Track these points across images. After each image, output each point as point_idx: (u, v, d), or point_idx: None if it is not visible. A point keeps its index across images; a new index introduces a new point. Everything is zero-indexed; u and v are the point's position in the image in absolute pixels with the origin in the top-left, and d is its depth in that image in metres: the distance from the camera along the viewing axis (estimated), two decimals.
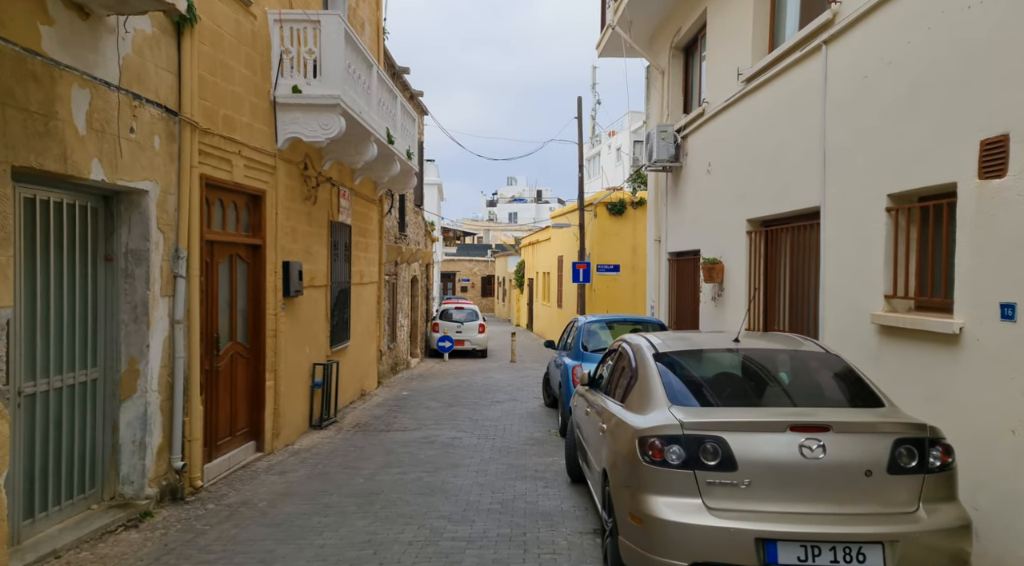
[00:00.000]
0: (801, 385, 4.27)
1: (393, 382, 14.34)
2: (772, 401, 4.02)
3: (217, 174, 6.72)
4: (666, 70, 11.31)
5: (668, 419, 3.64)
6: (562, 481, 6.76)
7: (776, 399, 4.06)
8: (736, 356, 4.36)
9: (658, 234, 11.69)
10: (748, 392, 4.16)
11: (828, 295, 5.91)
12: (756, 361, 4.38)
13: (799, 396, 4.09)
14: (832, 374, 4.19)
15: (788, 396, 4.08)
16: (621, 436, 4.02)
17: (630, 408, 4.15)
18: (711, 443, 3.48)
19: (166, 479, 5.87)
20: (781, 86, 6.94)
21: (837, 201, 5.80)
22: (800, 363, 4.36)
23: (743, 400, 4.11)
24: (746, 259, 7.88)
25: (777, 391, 4.15)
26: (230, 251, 7.23)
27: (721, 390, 4.15)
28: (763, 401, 4.04)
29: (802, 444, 3.42)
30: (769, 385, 4.24)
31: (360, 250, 11.91)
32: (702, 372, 4.37)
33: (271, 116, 7.85)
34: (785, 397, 4.09)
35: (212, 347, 6.82)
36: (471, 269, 50.72)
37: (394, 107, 11.27)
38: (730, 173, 8.41)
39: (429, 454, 7.97)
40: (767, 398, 4.05)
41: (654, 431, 3.62)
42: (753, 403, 4.02)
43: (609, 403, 4.69)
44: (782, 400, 4.05)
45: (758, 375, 4.32)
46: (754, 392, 4.11)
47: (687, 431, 3.53)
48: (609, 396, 4.88)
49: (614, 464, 4.05)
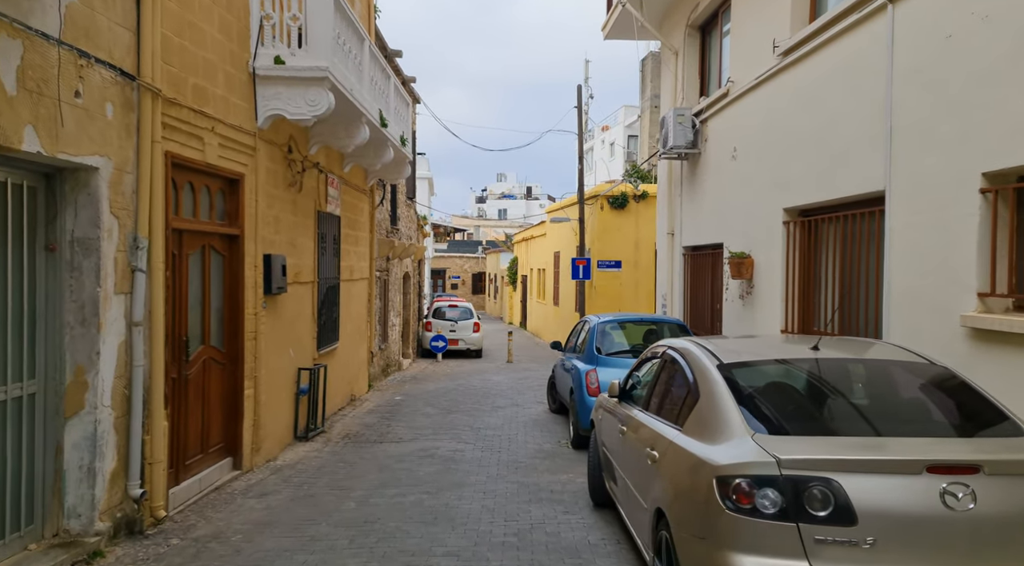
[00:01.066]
0: (914, 407, 3.40)
1: (385, 385, 13.46)
2: (886, 429, 3.14)
3: (186, 153, 5.82)
4: (680, 51, 10.48)
5: (756, 453, 2.81)
6: (584, 504, 5.93)
7: (890, 426, 3.17)
8: (820, 368, 3.51)
9: (671, 227, 10.87)
10: (850, 417, 3.28)
11: (896, 293, 5.10)
12: (847, 375, 3.55)
13: (919, 422, 3.24)
14: (947, 392, 3.37)
15: (905, 422, 3.21)
16: (686, 472, 3.19)
17: (693, 434, 3.32)
18: (819, 487, 2.65)
19: (121, 510, 4.97)
20: (830, 56, 6.13)
21: (909, 183, 4.99)
22: (903, 378, 3.51)
23: (848, 428, 3.21)
24: (782, 253, 7.07)
25: (887, 415, 3.29)
26: (202, 242, 6.33)
27: (813, 414, 3.30)
28: (874, 429, 3.16)
29: (944, 490, 2.60)
30: (872, 407, 3.37)
31: (350, 244, 11.02)
32: (782, 389, 3.52)
33: (250, 90, 6.94)
34: (901, 423, 3.20)
35: (180, 352, 5.93)
36: (461, 266, 49.81)
37: (387, 88, 10.37)
38: (761, 158, 7.60)
39: (429, 471, 7.11)
40: (879, 425, 3.18)
41: (739, 469, 2.79)
42: (862, 431, 3.14)
43: (657, 424, 3.86)
44: (899, 427, 3.17)
45: (855, 393, 3.47)
46: (858, 417, 3.25)
47: (786, 470, 2.70)
48: (654, 414, 4.05)
49: (677, 506, 3.22)
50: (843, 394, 3.46)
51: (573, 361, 8.88)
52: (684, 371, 3.83)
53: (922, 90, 4.88)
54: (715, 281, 9.29)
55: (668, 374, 4.19)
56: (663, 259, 11.41)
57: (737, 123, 8.34)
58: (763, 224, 7.51)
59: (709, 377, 3.49)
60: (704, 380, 3.52)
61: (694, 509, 3.01)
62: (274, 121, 7.32)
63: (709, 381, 3.46)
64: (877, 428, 3.12)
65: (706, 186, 9.40)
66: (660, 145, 10.24)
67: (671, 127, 9.63)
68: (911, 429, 3.13)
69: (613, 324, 8.76)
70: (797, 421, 3.22)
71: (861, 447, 2.87)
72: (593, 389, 7.84)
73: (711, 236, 9.19)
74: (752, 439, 2.95)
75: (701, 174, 9.61)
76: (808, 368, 3.50)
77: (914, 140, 4.95)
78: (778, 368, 3.59)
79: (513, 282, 34.23)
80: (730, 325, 8.38)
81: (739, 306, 8.11)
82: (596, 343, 8.32)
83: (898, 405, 3.41)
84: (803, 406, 3.34)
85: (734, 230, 8.31)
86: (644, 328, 8.97)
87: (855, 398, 3.41)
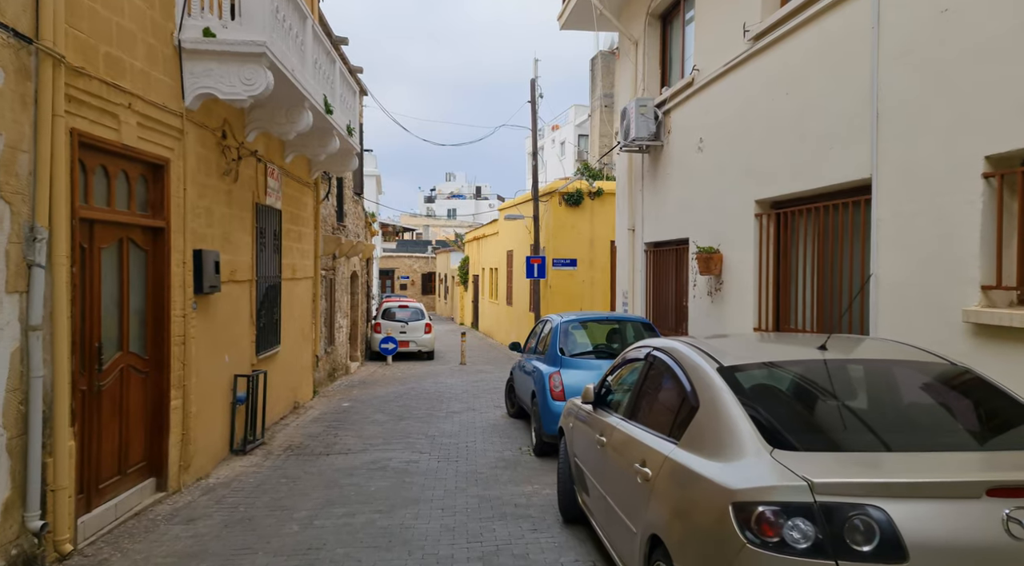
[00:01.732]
0: (949, 416, 2.98)
1: (331, 391, 12.71)
2: (925, 443, 2.68)
3: (97, 131, 5.08)
4: (641, 41, 10.12)
5: (781, 475, 2.36)
6: (553, 520, 5.43)
7: (929, 439, 2.72)
8: (834, 371, 3.08)
9: (632, 223, 10.51)
10: (879, 428, 2.79)
11: (884, 288, 4.78)
12: (866, 379, 3.14)
13: (958, 433, 2.81)
14: (978, 398, 2.97)
15: (944, 434, 2.78)
16: (691, 495, 2.72)
17: (695, 449, 2.85)
18: (862, 516, 2.21)
19: (18, 546, 4.23)
20: (807, 39, 5.80)
21: (898, 170, 4.67)
22: (927, 382, 3.10)
23: (878, 443, 2.68)
24: (754, 247, 6.74)
25: (922, 426, 2.84)
26: (120, 234, 5.59)
27: (835, 425, 2.84)
28: (911, 443, 2.68)
29: (1008, 516, 2.20)
30: (902, 416, 2.93)
31: (292, 240, 10.27)
32: (795, 396, 3.08)
33: (175, 65, 6.20)
34: (940, 436, 2.77)
35: (92, 360, 5.18)
36: (411, 266, 48.90)
37: (332, 73, 9.68)
38: (731, 149, 7.27)
39: (381, 485, 6.50)
40: (915, 438, 2.72)
41: (762, 495, 2.33)
42: (896, 446, 2.65)
43: (646, 436, 3.38)
44: (939, 441, 2.72)
45: (878, 400, 3.05)
46: (888, 428, 2.79)
47: (822, 496, 2.25)
48: (641, 424, 3.57)
49: (679, 535, 2.74)
50: (865, 401, 3.03)
51: (534, 363, 8.39)
52: (676, 375, 3.37)
53: (912, 70, 4.57)
54: (680, 278, 8.95)
55: (655, 379, 3.72)
56: (623, 256, 11.05)
57: (703, 113, 8.00)
58: (733, 217, 7.17)
59: (709, 382, 3.03)
60: (703, 386, 3.05)
61: (703, 540, 2.54)
62: (205, 102, 6.60)
63: (710, 387, 3.00)
64: (914, 442, 2.68)
65: (670, 180, 9.06)
66: (621, 137, 9.85)
67: (633, 118, 9.25)
68: (953, 442, 2.71)
69: (576, 323, 8.30)
70: (819, 434, 2.77)
71: (905, 467, 2.44)
72: (557, 393, 7.37)
73: (675, 231, 8.84)
74: (771, 456, 2.49)
75: (664, 167, 9.26)
76: (820, 371, 3.07)
77: (904, 124, 4.63)
78: (787, 371, 3.15)
79: (464, 282, 33.62)
80: (698, 323, 8.04)
81: (707, 303, 7.76)
82: (559, 344, 7.84)
83: (932, 414, 3.00)
84: (822, 416, 2.89)
85: (701, 224, 7.97)
86: (609, 327, 8.55)
87: (879, 406, 2.99)
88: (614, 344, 8.31)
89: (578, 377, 7.45)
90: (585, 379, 7.42)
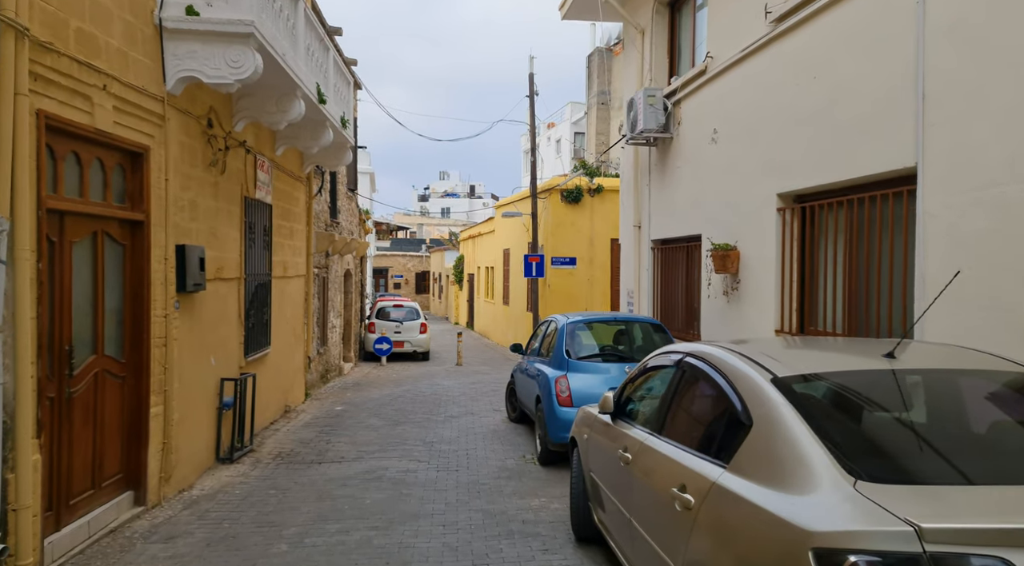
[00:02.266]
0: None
1: (324, 393, 12.25)
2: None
3: (68, 114, 4.62)
4: (648, 29, 9.70)
5: (876, 516, 1.93)
6: (565, 538, 5.01)
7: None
8: (910, 383, 2.66)
9: (638, 219, 10.09)
10: (982, 455, 2.36)
11: (932, 287, 4.37)
12: (951, 393, 2.70)
13: None
14: None
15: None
16: (751, 532, 2.30)
17: (751, 476, 2.43)
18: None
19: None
20: (840, 16, 5.40)
21: (949, 158, 4.27)
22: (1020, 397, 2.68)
23: (984, 473, 2.24)
24: (776, 243, 6.34)
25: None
26: (94, 227, 5.13)
27: (926, 450, 2.38)
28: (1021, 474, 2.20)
29: None
30: (1006, 440, 2.48)
31: (284, 236, 9.81)
32: (868, 414, 2.61)
33: (156, 45, 5.75)
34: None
35: (62, 365, 4.72)
36: (404, 264, 48.42)
37: (326, 61, 9.23)
38: (749, 139, 6.86)
39: (377, 498, 6.06)
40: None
41: (852, 540, 1.90)
42: (1005, 478, 2.18)
43: (685, 456, 2.95)
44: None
45: (970, 419, 2.59)
46: (996, 455, 2.35)
47: (933, 545, 1.82)
48: (676, 442, 3.15)
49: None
50: (955, 421, 2.60)
51: (538, 366, 7.96)
52: (719, 387, 2.94)
53: (963, 45, 4.16)
54: (690, 277, 8.55)
55: (690, 389, 3.30)
56: (628, 254, 10.63)
57: (718, 102, 7.59)
58: (751, 212, 6.77)
59: (763, 396, 2.61)
60: (756, 400, 2.63)
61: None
62: (189, 86, 6.15)
63: (765, 402, 2.58)
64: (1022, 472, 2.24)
65: (680, 173, 8.64)
66: (627, 130, 9.44)
67: (641, 109, 8.83)
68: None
69: (583, 324, 7.88)
70: (905, 461, 2.33)
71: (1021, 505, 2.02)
72: (564, 398, 6.94)
73: (686, 228, 8.43)
74: (855, 489, 2.07)
75: (674, 160, 8.84)
76: (892, 383, 2.65)
77: (956, 107, 4.22)
78: (852, 383, 2.71)
79: (459, 281, 33.17)
80: (711, 324, 7.63)
81: (722, 303, 7.35)
82: (566, 346, 7.42)
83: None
84: (904, 438, 2.45)
85: (715, 220, 7.56)
86: (616, 328, 8.13)
87: (976, 427, 2.55)
88: (621, 346, 7.90)
89: (586, 381, 7.04)
90: (593, 384, 7.02)
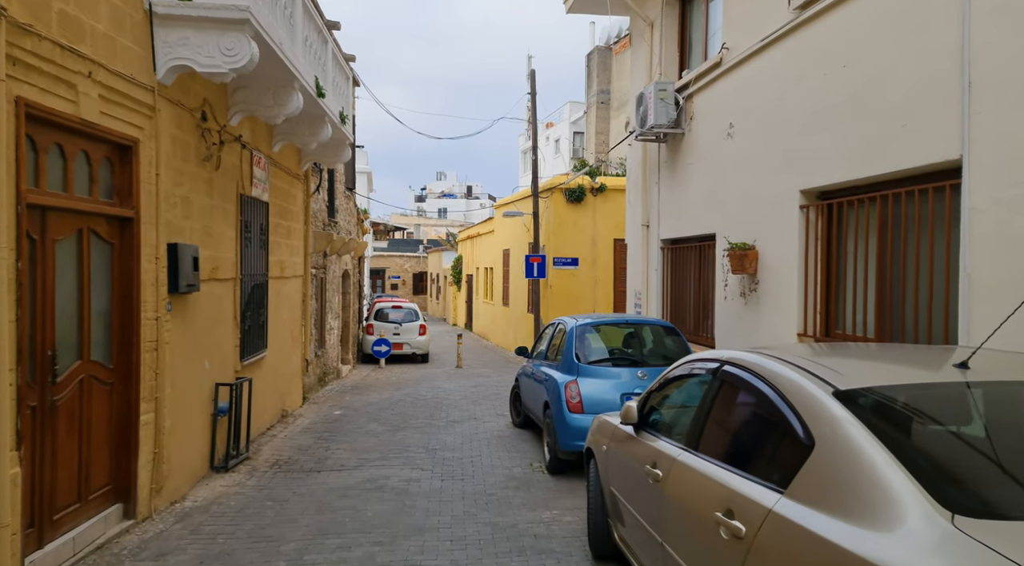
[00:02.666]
0: None
1: (322, 397, 11.93)
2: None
3: (50, 102, 4.31)
4: (657, 21, 9.41)
5: (987, 561, 1.64)
6: (581, 556, 4.71)
7: None
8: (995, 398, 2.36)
9: (646, 218, 9.80)
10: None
11: (979, 289, 4.09)
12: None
13: None
14: None
15: None
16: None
17: (818, 505, 2.13)
18: None
19: None
20: (871, 1, 5.11)
21: (1000, 149, 3.98)
22: None
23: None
24: (799, 242, 6.05)
25: None
26: (79, 224, 4.82)
27: (1017, 477, 2.07)
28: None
29: None
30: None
31: (281, 235, 9.49)
32: (948, 435, 2.29)
33: (146, 32, 5.43)
34: None
35: (45, 371, 4.41)
36: (402, 265, 48.08)
37: (324, 54, 8.92)
38: (768, 134, 6.57)
39: (379, 510, 5.76)
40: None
41: None
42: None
43: (731, 478, 2.64)
44: None
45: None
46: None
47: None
48: (717, 460, 2.84)
49: None
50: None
51: (545, 370, 7.66)
52: (769, 400, 2.64)
53: (1016, 27, 3.87)
54: (703, 278, 8.25)
55: (731, 402, 3.01)
56: (635, 254, 10.33)
57: (734, 96, 7.30)
58: (771, 210, 6.48)
59: (825, 412, 2.31)
60: (816, 417, 2.34)
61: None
62: (181, 76, 5.84)
63: (829, 419, 2.28)
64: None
65: (692, 170, 8.35)
66: (636, 126, 9.15)
67: (651, 104, 8.54)
68: None
69: (592, 327, 7.57)
70: (1001, 490, 2.04)
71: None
72: (574, 404, 6.64)
73: (699, 227, 8.14)
74: (953, 525, 1.78)
75: (685, 157, 8.55)
76: (972, 398, 2.36)
77: (1007, 93, 3.93)
78: (926, 397, 2.42)
79: (458, 282, 32.85)
80: (726, 327, 7.33)
81: (739, 305, 7.06)
82: (575, 350, 7.12)
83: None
84: (991, 463, 2.17)
85: (731, 218, 7.27)
86: (625, 331, 7.83)
87: None
88: (631, 350, 7.60)
89: (597, 387, 6.75)
90: (605, 389, 6.73)
